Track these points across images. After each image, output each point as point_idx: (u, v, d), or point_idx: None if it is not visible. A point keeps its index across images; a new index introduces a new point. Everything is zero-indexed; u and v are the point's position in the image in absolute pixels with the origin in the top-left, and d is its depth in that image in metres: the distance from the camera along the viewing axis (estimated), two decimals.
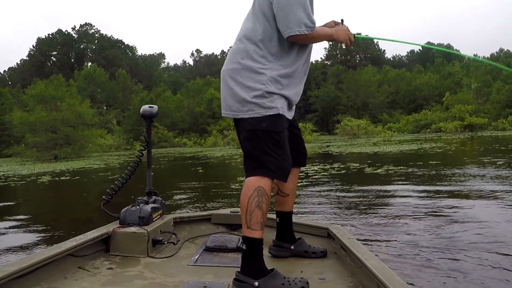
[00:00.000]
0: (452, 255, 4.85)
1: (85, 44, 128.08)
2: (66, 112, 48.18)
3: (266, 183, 3.10)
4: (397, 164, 16.22)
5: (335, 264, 3.54)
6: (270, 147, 3.11)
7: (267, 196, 3.10)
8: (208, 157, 31.77)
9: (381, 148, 29.37)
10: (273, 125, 3.12)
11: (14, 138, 54.44)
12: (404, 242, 5.48)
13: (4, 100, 72.31)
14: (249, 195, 3.08)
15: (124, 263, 3.62)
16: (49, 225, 8.19)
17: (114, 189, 4.22)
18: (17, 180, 19.85)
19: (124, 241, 3.79)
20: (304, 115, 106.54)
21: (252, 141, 3.16)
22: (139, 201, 4.16)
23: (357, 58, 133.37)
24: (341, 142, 45.56)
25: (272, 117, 3.11)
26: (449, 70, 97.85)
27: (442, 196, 8.81)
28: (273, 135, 3.12)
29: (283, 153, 3.17)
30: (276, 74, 3.16)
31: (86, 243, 3.58)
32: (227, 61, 3.31)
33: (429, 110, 74.56)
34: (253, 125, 3.13)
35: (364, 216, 7.31)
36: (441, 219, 6.63)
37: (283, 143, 3.17)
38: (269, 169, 3.11)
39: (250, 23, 3.27)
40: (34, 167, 31.59)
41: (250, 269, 3.03)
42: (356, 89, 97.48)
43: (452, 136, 44.75)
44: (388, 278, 2.61)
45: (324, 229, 4.08)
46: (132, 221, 3.95)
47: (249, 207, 3.07)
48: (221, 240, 4.09)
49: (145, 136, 4.43)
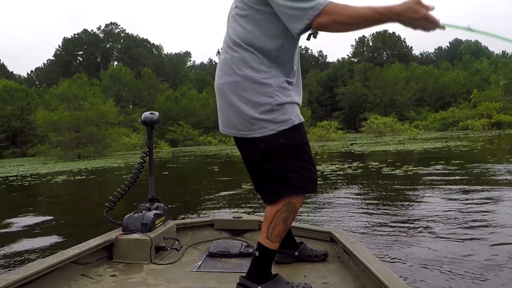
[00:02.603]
0: (474, 271, 4.42)
1: (111, 43, 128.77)
2: (89, 111, 48.48)
3: (298, 198, 2.94)
4: (418, 164, 15.75)
5: (339, 268, 3.52)
6: (292, 162, 2.87)
7: (295, 212, 2.96)
8: (229, 156, 31.64)
9: (405, 146, 28.92)
10: (291, 139, 2.86)
11: (38, 138, 54.99)
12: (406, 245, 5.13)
13: (30, 100, 73.19)
14: (278, 208, 2.92)
15: (127, 270, 3.60)
16: (47, 227, 8.03)
17: (117, 196, 4.17)
18: (31, 180, 19.90)
19: (127, 248, 3.77)
20: (331, 112, 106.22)
21: (272, 160, 2.89)
22: (141, 208, 4.15)
23: (384, 55, 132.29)
24: (366, 140, 45.08)
25: (287, 130, 2.83)
26: (477, 67, 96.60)
27: (461, 200, 8.39)
28: (292, 148, 2.87)
29: (306, 164, 2.92)
30: (282, 81, 2.88)
31: (89, 250, 3.55)
32: (221, 73, 2.95)
33: (457, 107, 73.65)
34: (268, 143, 2.84)
35: (370, 220, 6.96)
36: (459, 225, 6.23)
37: (304, 153, 2.92)
38: (297, 186, 2.88)
39: (238, 26, 2.90)
40: (54, 166, 31.77)
41: (256, 275, 2.95)
42: (383, 86, 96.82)
43: (479, 134, 44.02)
44: (391, 281, 2.61)
45: (327, 233, 4.05)
46: (135, 228, 3.93)
47: (275, 219, 2.93)
48: (224, 245, 4.04)
49: (147, 142, 4.41)
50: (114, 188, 4.24)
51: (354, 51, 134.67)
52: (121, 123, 62.33)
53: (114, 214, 4.14)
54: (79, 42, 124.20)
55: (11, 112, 69.70)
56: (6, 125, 68.21)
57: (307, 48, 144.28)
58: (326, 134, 53.77)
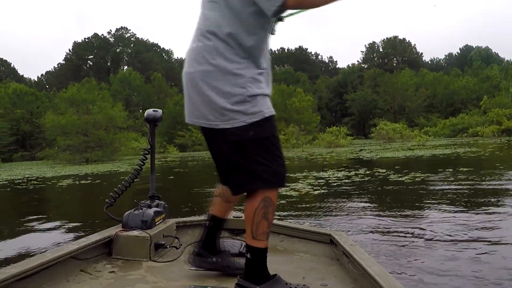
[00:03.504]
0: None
1: (121, 48, 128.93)
2: (97, 115, 48.58)
3: (272, 193, 2.87)
4: (426, 171, 15.60)
5: (338, 270, 3.51)
6: (261, 155, 2.81)
7: (273, 206, 2.89)
8: None
9: (414, 153, 28.78)
10: (261, 131, 2.80)
11: (47, 141, 55.19)
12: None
13: (40, 104, 73.49)
14: (256, 206, 2.85)
15: (126, 266, 3.58)
16: (45, 229, 8.00)
17: (117, 192, 4.19)
18: (37, 183, 19.91)
19: (127, 244, 3.77)
20: (340, 118, 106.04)
21: (241, 153, 2.83)
22: (142, 205, 4.14)
23: (394, 61, 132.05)
24: (375, 147, 44.92)
25: (258, 123, 2.78)
26: (488, 73, 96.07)
27: (468, 208, 8.27)
28: (262, 141, 2.81)
29: (275, 157, 2.86)
30: (254, 73, 2.81)
31: (88, 246, 3.55)
32: (192, 62, 2.87)
33: (467, 114, 73.36)
34: (238, 135, 2.78)
35: (372, 228, 6.86)
36: (465, 234, 6.12)
37: (273, 146, 2.86)
38: (265, 179, 2.82)
39: (213, 14, 2.81)
40: (61, 170, 31.83)
41: (253, 275, 2.92)
42: (393, 92, 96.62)
43: (488, 141, 43.74)
44: (390, 285, 2.61)
45: (327, 235, 4.02)
46: (135, 225, 3.93)
47: (256, 218, 2.87)
48: (224, 245, 3.86)
49: (149, 140, 4.39)
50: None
51: (364, 57, 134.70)
52: (130, 128, 62.43)
53: (114, 210, 4.11)
54: (90, 46, 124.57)
55: (21, 115, 70.11)
56: (15, 129, 68.53)
57: (317, 54, 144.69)
58: (335, 140, 53.65)
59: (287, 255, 4.03)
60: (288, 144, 52.13)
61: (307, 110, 78.23)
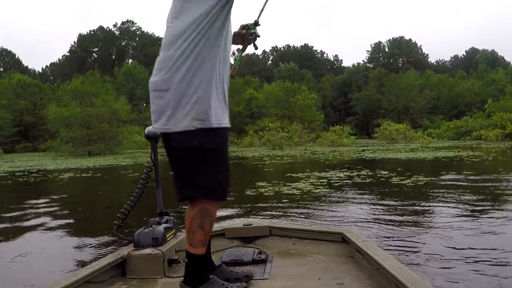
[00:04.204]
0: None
1: (126, 41, 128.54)
2: (101, 108, 48.57)
3: (210, 205, 3.01)
4: (428, 174, 15.46)
5: (352, 268, 3.56)
6: (202, 166, 2.94)
7: (210, 217, 3.02)
8: (238, 157, 31.53)
9: (417, 155, 28.61)
10: (205, 142, 2.92)
11: (50, 133, 55.21)
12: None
13: (43, 95, 73.46)
14: (192, 215, 3.00)
15: (141, 285, 3.58)
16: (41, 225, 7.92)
17: (124, 213, 4.23)
18: (37, 176, 19.89)
19: (140, 263, 3.75)
20: (344, 117, 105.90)
21: (184, 160, 2.98)
22: (151, 223, 4.12)
23: (400, 61, 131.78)
24: (378, 147, 44.75)
25: (203, 131, 2.90)
26: (493, 77, 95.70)
27: (469, 213, 8.17)
28: (205, 152, 2.94)
29: (217, 171, 2.99)
30: (208, 81, 2.96)
31: (102, 269, 3.52)
32: (155, 71, 3.08)
33: (471, 117, 73.13)
34: (182, 142, 2.93)
35: (373, 231, 6.74)
36: (466, 239, 6.03)
37: (217, 160, 2.99)
38: (201, 189, 2.96)
39: (171, 26, 3.09)
40: (63, 162, 31.84)
41: (191, 279, 3.07)
42: (397, 93, 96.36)
43: (492, 145, 43.53)
44: (406, 278, 2.62)
45: (339, 234, 4.08)
46: (146, 243, 3.92)
47: (192, 227, 3.02)
48: (237, 253, 4.05)
49: (151, 156, 4.37)
50: (119, 188, 4.22)
51: (370, 57, 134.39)
52: (134, 121, 62.42)
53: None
54: (95, 39, 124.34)
55: (24, 106, 70.09)
56: (18, 120, 68.56)
57: (323, 52, 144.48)
58: (338, 139, 53.48)
59: (300, 257, 4.04)
60: (291, 142, 52.05)
61: (311, 108, 78.20)
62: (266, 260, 3.91)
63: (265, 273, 3.61)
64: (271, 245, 4.45)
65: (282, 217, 8.32)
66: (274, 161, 27.32)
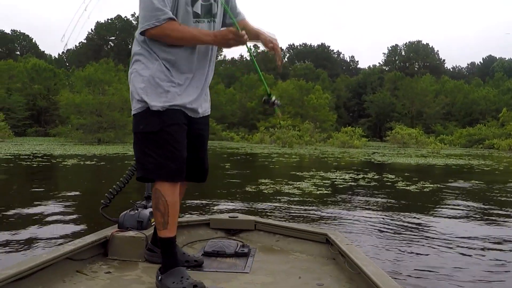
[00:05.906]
0: None
1: None
2: (113, 96, 48.69)
3: (162, 186, 3.07)
4: (435, 181, 15.17)
5: (333, 270, 3.58)
6: (149, 148, 3.06)
7: (163, 198, 3.06)
8: (247, 153, 31.42)
9: (427, 160, 28.39)
10: (149, 126, 3.03)
11: (61, 118, 55.42)
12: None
13: (58, 81, 73.68)
14: (152, 197, 3.16)
15: (122, 267, 3.62)
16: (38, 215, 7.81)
17: (113, 193, 4.19)
18: (42, 160, 19.88)
19: (123, 245, 3.79)
20: (357, 119, 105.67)
21: (136, 143, 3.18)
22: (137, 206, 4.15)
23: (416, 65, 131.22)
24: (389, 150, 44.54)
25: (143, 114, 3.05)
26: (509, 86, 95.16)
27: (476, 224, 7.97)
28: (150, 135, 3.05)
29: (165, 152, 3.03)
30: (163, 66, 3.11)
31: (84, 247, 3.56)
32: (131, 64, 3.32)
33: (484, 125, 72.68)
34: (135, 127, 3.12)
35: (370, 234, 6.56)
36: (468, 250, 5.82)
37: (165, 142, 3.03)
38: (149, 170, 3.08)
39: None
40: (71, 148, 31.91)
41: (163, 264, 3.13)
42: (412, 97, 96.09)
43: (504, 154, 43.19)
44: (386, 284, 2.65)
45: (323, 235, 4.08)
46: (131, 226, 3.95)
47: (153, 207, 3.17)
48: (220, 245, 4.05)
49: None
50: (118, 178, 4.12)
51: (386, 59, 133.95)
52: None
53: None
54: (112, 28, 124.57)
55: (38, 91, 70.26)
56: (32, 104, 68.74)
57: (339, 52, 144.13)
58: (349, 140, 53.20)
59: (283, 254, 4.06)
60: (302, 141, 51.80)
61: (324, 107, 78.14)
62: (249, 254, 3.90)
63: (246, 267, 3.60)
64: (255, 240, 4.46)
65: (272, 214, 8.16)
66: (282, 158, 27.17)
